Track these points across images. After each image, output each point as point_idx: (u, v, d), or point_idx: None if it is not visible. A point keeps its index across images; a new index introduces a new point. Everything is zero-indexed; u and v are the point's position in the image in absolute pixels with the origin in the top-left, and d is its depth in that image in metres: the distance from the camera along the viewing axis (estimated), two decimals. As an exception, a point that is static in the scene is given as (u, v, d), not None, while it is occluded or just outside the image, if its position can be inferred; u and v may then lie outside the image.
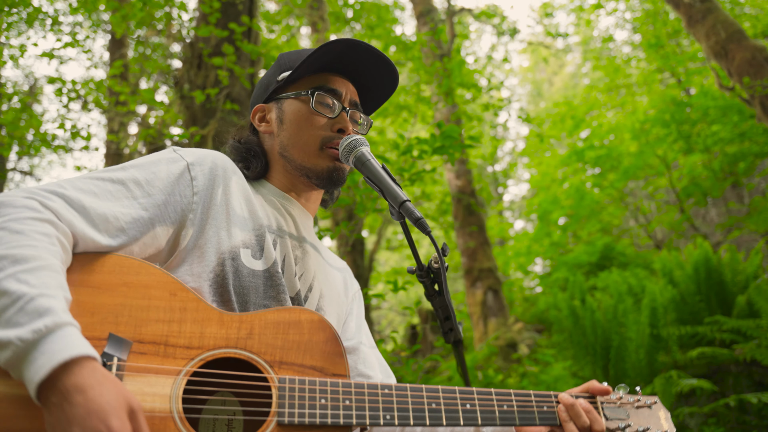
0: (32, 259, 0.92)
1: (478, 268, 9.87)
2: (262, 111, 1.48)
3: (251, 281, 1.22)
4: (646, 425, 1.33)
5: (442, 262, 1.23)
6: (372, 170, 1.27)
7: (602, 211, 14.61)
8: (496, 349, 8.70)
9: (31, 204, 1.01)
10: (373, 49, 1.39)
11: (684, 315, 6.03)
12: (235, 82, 5.00)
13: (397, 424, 1.10)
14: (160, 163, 1.23)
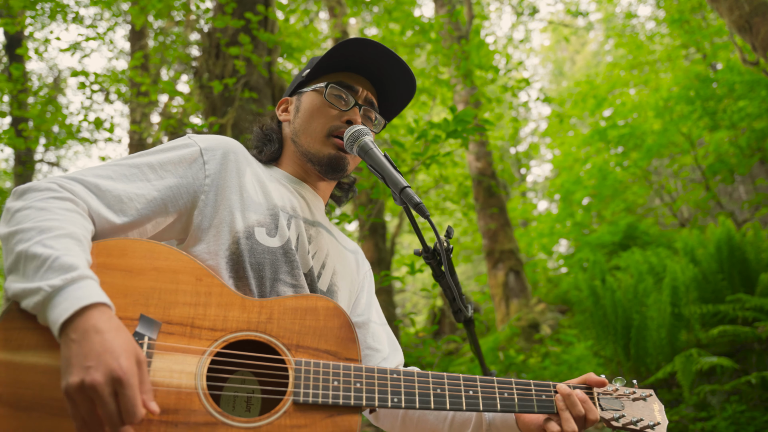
0: (56, 229, 1.04)
1: (499, 249, 9.89)
2: (286, 103, 1.59)
3: (266, 257, 1.29)
4: (639, 416, 1.38)
5: (441, 244, 1.28)
6: (375, 158, 1.34)
7: (626, 191, 14.46)
8: (518, 330, 8.75)
9: (52, 187, 1.13)
10: (390, 51, 1.45)
11: (706, 294, 6.00)
12: (253, 71, 5.07)
13: (403, 407, 1.17)
14: (174, 148, 1.32)
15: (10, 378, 0.96)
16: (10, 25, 4.71)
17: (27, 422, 0.94)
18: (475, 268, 23.40)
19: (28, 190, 1.12)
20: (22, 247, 1.01)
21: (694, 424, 5.06)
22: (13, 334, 1.00)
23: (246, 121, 5.11)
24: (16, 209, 1.08)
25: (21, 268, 1.01)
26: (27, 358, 0.98)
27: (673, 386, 5.68)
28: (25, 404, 0.95)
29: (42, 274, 0.98)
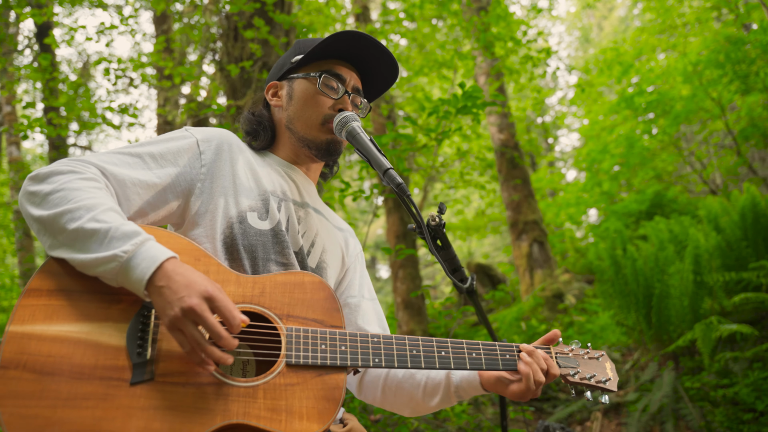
0: (99, 205, 1.18)
1: (523, 220, 9.91)
2: (275, 87, 1.67)
3: (258, 239, 1.41)
4: (593, 372, 1.53)
5: (422, 225, 1.38)
6: (361, 142, 1.45)
7: (654, 159, 14.22)
8: (542, 300, 8.80)
9: (75, 169, 1.25)
10: (377, 42, 1.56)
11: (729, 261, 5.98)
12: (271, 52, 5.16)
13: (384, 366, 1.29)
14: (173, 140, 1.44)
15: (33, 348, 1.10)
16: (38, 16, 4.88)
17: (50, 385, 1.07)
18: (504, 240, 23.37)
19: (50, 174, 1.23)
20: (76, 224, 1.14)
21: (716, 391, 5.10)
22: (34, 310, 1.13)
23: (259, 103, 5.23)
24: (48, 192, 1.19)
25: (80, 243, 1.14)
26: (47, 331, 1.12)
27: (695, 354, 5.71)
28: (48, 370, 1.09)
29: (108, 244, 1.13)
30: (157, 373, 1.15)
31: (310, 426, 1.19)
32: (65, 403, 1.06)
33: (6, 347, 1.08)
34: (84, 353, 1.12)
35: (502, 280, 13.26)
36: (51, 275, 1.18)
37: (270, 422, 1.16)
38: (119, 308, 1.19)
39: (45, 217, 1.18)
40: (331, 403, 1.23)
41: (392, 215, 10.44)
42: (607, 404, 5.69)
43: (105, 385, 1.10)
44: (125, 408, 1.09)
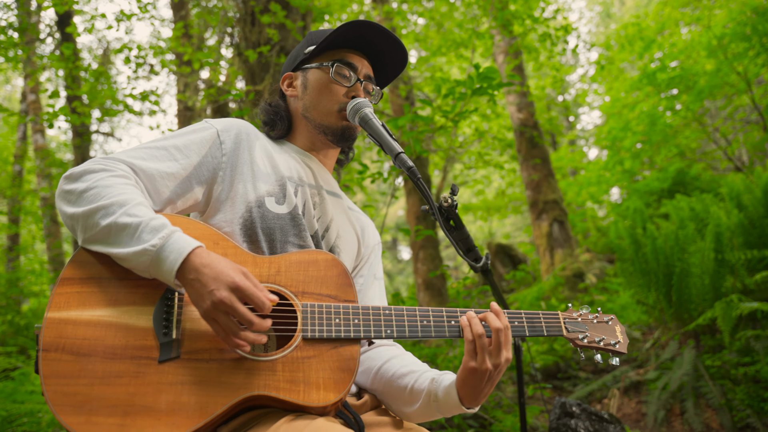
0: (131, 201, 1.26)
1: (543, 200, 9.87)
2: (290, 78, 1.72)
3: (276, 222, 1.47)
4: (602, 336, 1.55)
5: (432, 204, 1.42)
6: (373, 128, 1.51)
7: (677, 136, 13.99)
8: (563, 280, 8.80)
9: (107, 167, 1.33)
10: (386, 31, 1.61)
11: (752, 239, 5.91)
12: (288, 36, 5.19)
13: (395, 337, 1.34)
14: (195, 132, 1.51)
15: (69, 332, 1.19)
16: (59, 5, 4.96)
17: (86, 365, 1.17)
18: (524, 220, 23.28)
19: (84, 173, 1.31)
20: (109, 220, 1.23)
21: (737, 369, 5.09)
22: (69, 297, 1.23)
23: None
24: (82, 190, 1.28)
25: (113, 238, 1.23)
26: (81, 316, 1.21)
27: (715, 332, 5.69)
28: (84, 352, 1.18)
29: (138, 238, 1.21)
30: (183, 351, 1.23)
31: (327, 395, 1.25)
32: (101, 381, 1.15)
33: (46, 332, 1.18)
34: (115, 335, 1.20)
35: (523, 260, 13.25)
36: (81, 264, 1.27)
37: (289, 393, 1.23)
38: (145, 292, 1.27)
39: (80, 213, 1.26)
40: (346, 374, 1.29)
41: (412, 196, 10.48)
42: (627, 382, 5.72)
43: (136, 363, 1.18)
44: (155, 384, 1.17)
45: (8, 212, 14.98)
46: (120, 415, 1.13)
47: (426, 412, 1.45)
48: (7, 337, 8.57)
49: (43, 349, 1.16)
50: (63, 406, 1.12)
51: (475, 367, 1.34)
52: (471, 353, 1.35)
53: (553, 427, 2.85)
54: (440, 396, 1.41)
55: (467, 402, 1.39)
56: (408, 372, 1.50)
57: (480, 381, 1.35)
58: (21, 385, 4.88)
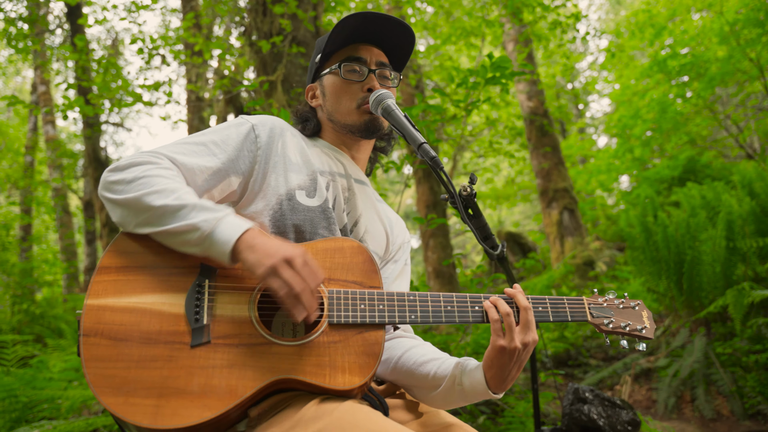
0: (180, 188, 1.32)
1: (553, 188, 9.86)
2: (312, 90, 1.78)
3: (306, 215, 1.51)
4: (627, 321, 1.54)
5: (455, 195, 1.45)
6: (396, 118, 1.54)
7: (688, 123, 13.88)
8: (573, 268, 8.81)
9: (151, 160, 1.38)
10: (381, 15, 1.61)
11: (764, 227, 5.90)
12: (299, 26, 5.21)
13: (419, 322, 1.37)
14: (231, 127, 1.56)
15: (107, 318, 1.25)
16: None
17: (123, 349, 1.22)
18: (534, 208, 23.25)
19: (130, 165, 1.36)
20: (163, 201, 1.28)
21: (748, 356, 5.11)
22: (106, 285, 1.28)
23: (296, 75, 5.29)
24: (130, 179, 1.33)
25: (167, 217, 1.28)
26: (118, 303, 1.26)
27: (726, 320, 5.70)
28: (121, 336, 1.23)
29: (191, 215, 1.27)
30: (213, 336, 1.27)
31: (352, 379, 1.29)
32: (137, 364, 1.20)
33: (85, 318, 1.23)
34: (150, 321, 1.25)
35: (533, 248, 13.26)
36: (117, 254, 1.32)
37: (316, 377, 1.27)
38: (177, 280, 1.31)
39: (131, 198, 1.30)
40: (371, 358, 1.33)
41: (422, 185, 10.50)
42: (638, 369, 5.75)
43: (169, 348, 1.23)
44: (188, 368, 1.22)
45: (21, 203, 15.12)
46: (155, 397, 1.17)
47: (448, 396, 1.46)
48: (23, 326, 8.69)
49: (84, 334, 1.22)
50: (103, 387, 1.17)
51: (504, 346, 1.35)
52: (498, 332, 1.36)
53: (566, 413, 2.89)
54: (465, 380, 1.43)
55: (493, 385, 1.40)
56: (430, 359, 1.52)
57: (509, 361, 1.36)
58: (39, 372, 4.97)
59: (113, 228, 12.61)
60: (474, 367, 1.43)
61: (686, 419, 5.00)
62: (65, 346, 7.24)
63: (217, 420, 1.20)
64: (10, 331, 8.24)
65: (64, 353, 6.40)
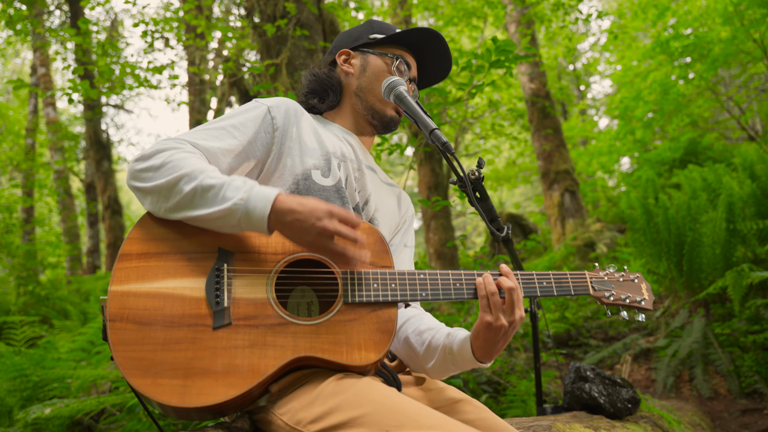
0: (207, 168, 1.36)
1: (554, 170, 9.89)
2: (348, 55, 1.81)
3: (322, 194, 1.57)
4: (627, 293, 1.62)
5: (466, 178, 1.50)
6: (408, 105, 1.60)
7: (690, 105, 13.84)
8: (574, 249, 8.87)
9: (175, 146, 1.42)
10: (446, 45, 1.77)
11: (764, 209, 5.94)
12: (303, 8, 5.20)
13: (430, 299, 1.44)
14: (248, 110, 1.61)
15: (132, 303, 1.30)
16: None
17: (148, 333, 1.27)
18: (535, 189, 23.28)
19: (156, 152, 1.40)
20: (194, 184, 1.33)
21: (746, 337, 5.18)
22: (128, 272, 1.33)
23: (299, 57, 5.30)
24: (159, 165, 1.37)
25: (199, 200, 1.33)
26: (141, 288, 1.31)
27: (725, 301, 5.77)
28: (145, 321, 1.28)
29: (224, 197, 1.31)
30: (234, 318, 1.32)
31: (368, 355, 1.34)
32: (162, 347, 1.26)
33: (111, 304, 1.28)
34: (173, 305, 1.30)
35: (534, 229, 13.31)
36: (138, 241, 1.37)
37: (333, 354, 1.32)
38: (196, 265, 1.36)
39: (162, 184, 1.35)
40: (385, 335, 1.38)
41: (424, 167, 10.54)
42: (638, 350, 5.83)
43: (192, 330, 1.28)
44: (211, 348, 1.27)
45: (23, 185, 15.15)
46: (182, 377, 1.23)
47: (442, 366, 1.54)
48: (29, 308, 8.77)
49: (110, 319, 1.27)
50: (131, 369, 1.22)
51: (490, 322, 1.42)
52: (485, 308, 1.43)
53: (568, 391, 2.95)
54: (455, 349, 1.50)
55: (480, 356, 1.47)
56: (426, 329, 1.59)
57: (495, 335, 1.43)
58: (48, 352, 5.05)
59: (115, 210, 12.67)
60: (463, 338, 1.50)
61: (684, 398, 5.09)
62: (71, 327, 7.33)
63: (241, 397, 1.25)
64: (17, 313, 8.33)
65: (70, 334, 6.49)
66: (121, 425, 3.83)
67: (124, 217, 13.10)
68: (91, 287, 9.91)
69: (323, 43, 5.38)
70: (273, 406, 1.33)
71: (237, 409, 1.33)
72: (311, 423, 1.23)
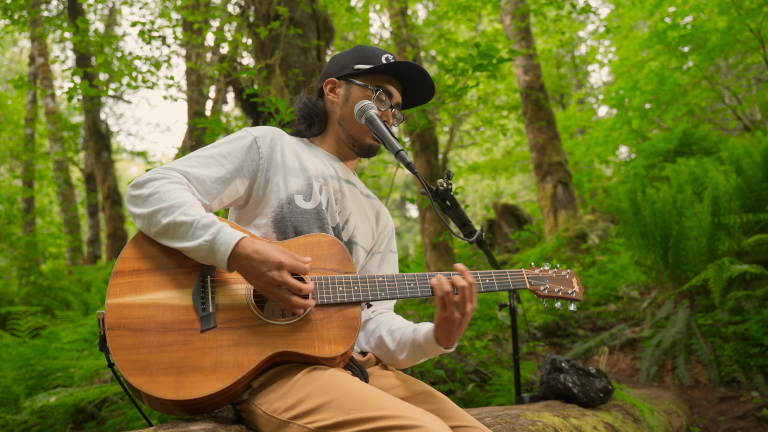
0: (186, 203, 1.53)
1: (547, 162, 10.02)
2: (334, 84, 1.96)
3: (303, 217, 1.75)
4: (560, 287, 1.83)
5: (428, 192, 1.66)
6: (377, 127, 1.77)
7: (687, 95, 13.92)
8: (565, 241, 9.03)
9: (166, 175, 1.60)
10: (427, 75, 1.91)
11: (749, 202, 6.07)
12: (296, 7, 5.32)
13: (388, 298, 1.64)
14: (236, 140, 1.78)
15: (127, 313, 1.47)
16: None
17: (143, 338, 1.44)
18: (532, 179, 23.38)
19: (147, 181, 1.58)
20: (169, 219, 1.50)
21: (727, 327, 5.35)
22: (122, 286, 1.51)
23: (293, 55, 5.42)
24: (147, 195, 1.55)
25: (173, 233, 1.52)
26: (134, 300, 1.49)
27: (709, 292, 5.92)
28: (140, 327, 1.46)
29: (193, 234, 1.49)
30: (219, 322, 1.50)
31: (337, 348, 1.54)
32: (157, 349, 1.43)
33: (108, 315, 1.46)
34: (164, 313, 1.48)
35: (528, 220, 13.46)
36: (128, 260, 1.56)
37: (307, 348, 1.51)
38: (183, 278, 1.55)
39: (146, 213, 1.54)
40: (351, 330, 1.58)
41: (419, 158, 10.68)
42: (623, 340, 6.00)
43: (182, 334, 1.46)
44: (200, 349, 1.44)
45: (23, 175, 15.27)
46: (175, 375, 1.40)
47: (413, 356, 1.75)
48: (31, 298, 8.95)
49: (108, 328, 1.44)
50: (130, 370, 1.39)
51: (446, 317, 1.61)
52: (441, 306, 1.61)
53: (543, 381, 3.13)
54: (422, 341, 1.69)
55: (443, 342, 1.66)
56: (396, 329, 1.79)
57: (452, 326, 1.62)
58: (51, 342, 5.21)
59: (115, 200, 12.81)
60: (427, 330, 1.69)
61: (666, 386, 5.27)
62: (73, 317, 7.50)
63: (228, 389, 1.43)
64: (20, 303, 8.50)
65: (72, 324, 6.65)
66: (123, 413, 4.01)
67: (123, 207, 13.25)
68: (92, 277, 10.08)
69: (317, 42, 5.50)
70: (254, 398, 1.50)
71: (224, 402, 1.50)
72: (285, 411, 1.41)
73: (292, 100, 4.73)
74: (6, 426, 3.81)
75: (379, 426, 1.27)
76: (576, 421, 2.70)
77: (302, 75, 5.24)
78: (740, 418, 4.63)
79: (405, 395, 1.69)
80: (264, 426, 1.46)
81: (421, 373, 4.19)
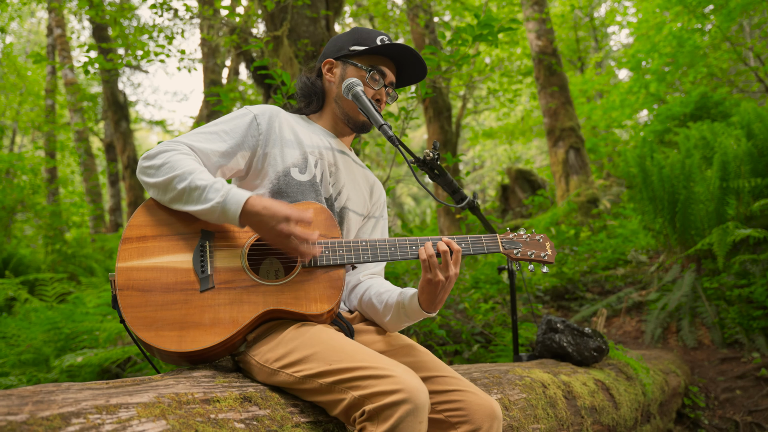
0: (197, 170, 1.69)
1: (560, 127, 9.99)
2: (331, 64, 2.09)
3: (299, 188, 1.89)
4: (533, 250, 1.94)
5: (409, 163, 1.78)
6: (362, 103, 1.90)
7: (708, 56, 13.62)
8: (576, 206, 9.07)
9: (174, 148, 1.75)
10: (419, 57, 2.03)
11: (759, 167, 6.07)
12: (304, -23, 5.37)
13: (371, 260, 1.78)
14: (237, 118, 1.93)
15: (134, 276, 1.64)
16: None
17: (150, 297, 1.61)
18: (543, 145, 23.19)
19: (158, 153, 1.73)
20: (184, 184, 1.65)
21: (732, 291, 5.43)
22: (130, 251, 1.67)
23: (302, 25, 5.49)
24: (159, 165, 1.70)
25: (187, 197, 1.66)
26: (141, 264, 1.65)
27: (716, 256, 5.98)
28: (147, 288, 1.62)
29: (206, 197, 1.64)
30: (216, 283, 1.66)
31: (323, 306, 1.69)
32: (161, 307, 1.60)
33: (118, 278, 1.63)
34: (167, 275, 1.64)
35: (542, 185, 13.48)
36: (136, 227, 1.71)
37: (296, 306, 1.67)
38: (184, 244, 1.70)
39: (161, 181, 1.69)
40: (335, 290, 1.72)
41: (433, 124, 10.74)
42: (630, 303, 6.11)
43: (184, 294, 1.62)
44: (200, 307, 1.61)
45: (45, 146, 15.59)
46: (178, 330, 1.57)
47: (398, 319, 1.88)
48: (57, 265, 9.29)
49: (119, 288, 1.61)
50: (139, 326, 1.57)
51: (430, 278, 1.73)
52: (426, 269, 1.74)
53: (539, 341, 3.27)
54: (406, 303, 1.81)
55: (426, 306, 1.78)
56: (384, 291, 1.93)
57: (435, 289, 1.73)
58: (76, 307, 5.47)
59: (135, 170, 13.07)
60: (412, 294, 1.83)
61: (669, 348, 5.39)
62: (97, 283, 7.81)
63: (225, 342, 1.60)
64: (46, 270, 8.84)
65: (96, 290, 6.94)
66: (145, 372, 4.26)
67: (143, 176, 13.48)
68: (114, 245, 10.38)
69: (325, 12, 5.56)
70: (249, 350, 1.68)
71: (223, 354, 1.68)
72: (275, 361, 1.58)
73: (302, 71, 4.82)
74: (38, 384, 4.07)
75: (356, 375, 1.44)
76: (566, 377, 2.84)
77: (311, 45, 5.32)
78: (739, 378, 4.76)
79: (385, 349, 1.84)
80: (257, 374, 1.63)
81: (425, 334, 4.36)
